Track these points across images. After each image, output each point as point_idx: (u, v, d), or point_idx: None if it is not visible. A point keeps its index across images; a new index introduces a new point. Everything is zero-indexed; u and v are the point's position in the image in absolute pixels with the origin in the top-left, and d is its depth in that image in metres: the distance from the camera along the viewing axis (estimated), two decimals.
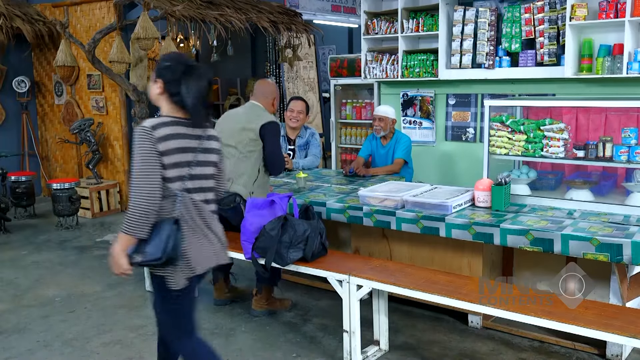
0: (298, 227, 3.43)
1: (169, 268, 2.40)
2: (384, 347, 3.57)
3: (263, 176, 3.93)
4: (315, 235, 3.48)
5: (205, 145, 2.51)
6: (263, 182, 3.94)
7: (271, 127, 3.86)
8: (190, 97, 2.39)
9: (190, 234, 2.42)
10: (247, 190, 3.84)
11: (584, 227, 3.08)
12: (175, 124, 2.43)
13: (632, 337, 2.53)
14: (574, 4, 4.55)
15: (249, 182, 3.86)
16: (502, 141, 3.66)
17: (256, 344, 3.70)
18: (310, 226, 3.48)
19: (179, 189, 2.40)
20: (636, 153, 3.24)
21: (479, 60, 5.12)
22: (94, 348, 3.72)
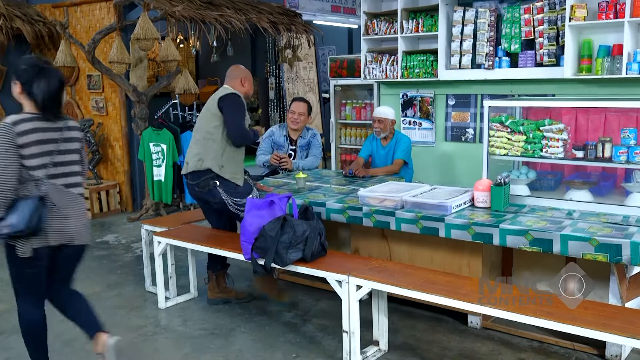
0: (297, 228, 3.44)
1: (22, 238, 2.82)
2: (383, 347, 3.57)
3: (232, 150, 3.96)
4: (315, 236, 3.48)
5: (66, 135, 2.94)
6: (233, 156, 3.97)
7: (228, 99, 3.92)
8: (40, 94, 2.84)
9: (50, 211, 2.84)
10: (217, 164, 3.91)
11: (583, 228, 3.08)
12: (35, 119, 2.86)
13: (631, 337, 2.53)
14: (574, 5, 4.55)
15: (217, 156, 3.91)
16: (501, 142, 3.67)
17: (256, 344, 3.71)
18: (310, 227, 3.48)
19: (43, 175, 2.83)
20: (635, 153, 3.24)
21: (478, 61, 5.12)
22: (93, 348, 3.71)
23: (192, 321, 4.14)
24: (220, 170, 3.92)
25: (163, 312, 4.29)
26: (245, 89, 4.11)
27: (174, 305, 4.40)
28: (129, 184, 7.52)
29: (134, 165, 7.47)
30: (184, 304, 4.43)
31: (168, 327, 4.06)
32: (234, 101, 3.93)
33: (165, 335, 3.93)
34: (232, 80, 4.09)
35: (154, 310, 4.33)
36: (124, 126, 7.40)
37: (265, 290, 4.21)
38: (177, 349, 3.71)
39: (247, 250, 3.59)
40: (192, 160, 4.01)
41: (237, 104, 3.95)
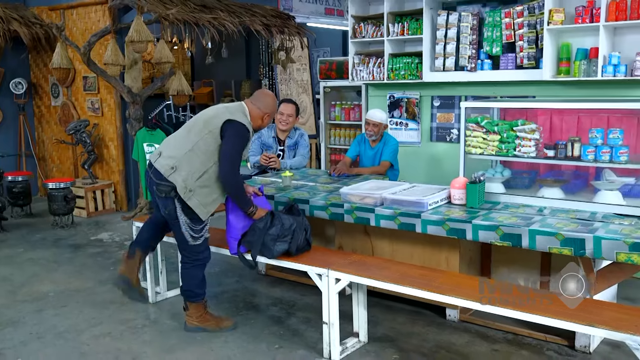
0: (285, 221, 3.62)
1: None
2: (363, 338, 3.71)
3: (213, 177, 3.52)
4: (301, 231, 3.65)
5: None
6: (209, 184, 3.53)
7: (234, 127, 3.50)
8: None
9: None
10: (185, 185, 3.46)
11: (551, 223, 3.23)
12: None
13: (593, 325, 2.67)
14: (552, 9, 4.69)
15: (190, 178, 3.46)
16: (477, 141, 3.81)
17: (241, 336, 3.85)
18: (296, 221, 3.65)
19: None
20: (602, 153, 3.39)
21: (461, 63, 5.26)
22: (84, 340, 3.86)
23: (180, 315, 4.25)
24: (185, 194, 3.46)
25: (153, 307, 4.43)
26: (260, 124, 3.74)
27: (163, 300, 4.53)
28: (124, 183, 7.66)
29: (128, 165, 7.61)
30: (173, 298, 4.56)
31: (157, 320, 4.20)
32: (240, 132, 3.52)
33: (154, 327, 4.07)
34: (257, 108, 3.68)
35: (144, 304, 4.47)
36: (119, 127, 7.54)
37: (200, 324, 3.88)
38: (164, 341, 3.85)
39: (234, 246, 3.74)
40: (165, 159, 3.54)
41: (241, 136, 3.53)
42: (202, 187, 3.50)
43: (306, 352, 3.60)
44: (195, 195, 3.49)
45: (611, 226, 3.13)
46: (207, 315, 3.90)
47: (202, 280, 3.84)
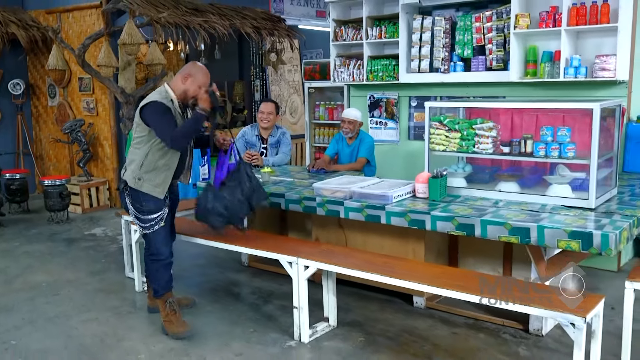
0: (223, 201, 3.84)
1: None
2: (332, 323, 3.98)
3: (153, 161, 3.72)
4: (240, 205, 3.87)
5: None
6: (154, 167, 3.73)
7: (148, 108, 3.64)
8: None
9: None
10: (134, 176, 3.73)
11: (502, 214, 3.48)
12: None
13: (530, 306, 2.93)
14: (518, 14, 4.95)
15: (136, 169, 3.73)
16: (440, 139, 4.07)
17: (219, 321, 4.11)
18: (234, 196, 3.85)
19: None
20: (552, 149, 3.64)
21: (435, 65, 5.52)
22: (73, 324, 4.13)
23: None
24: (135, 184, 3.75)
25: (139, 295, 4.69)
26: (184, 87, 3.72)
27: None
28: (118, 180, 7.92)
29: (122, 163, 7.85)
30: None
31: (142, 307, 4.46)
32: (153, 109, 3.63)
33: (139, 314, 4.34)
34: (176, 76, 3.79)
35: (131, 293, 4.74)
36: (113, 126, 7.81)
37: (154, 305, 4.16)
38: (147, 326, 4.12)
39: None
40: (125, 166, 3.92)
41: (157, 111, 3.63)
42: (148, 172, 3.73)
43: (278, 335, 3.86)
44: (145, 182, 3.74)
45: (556, 217, 3.39)
46: (167, 312, 3.95)
47: (159, 277, 3.95)
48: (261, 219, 5.06)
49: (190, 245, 4.74)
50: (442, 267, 3.79)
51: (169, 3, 7.84)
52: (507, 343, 3.71)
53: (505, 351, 3.61)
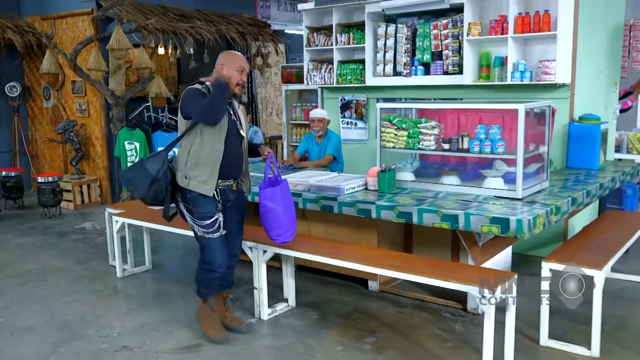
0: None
1: None
2: (291, 303, 4.39)
3: (195, 155, 3.60)
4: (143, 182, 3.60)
5: None
6: (197, 163, 3.61)
7: (182, 97, 3.62)
8: None
9: None
10: (182, 175, 3.64)
11: (438, 204, 3.88)
12: None
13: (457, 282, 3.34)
14: (470, 22, 5.36)
15: (182, 167, 3.64)
16: (390, 137, 4.48)
17: (191, 303, 4.49)
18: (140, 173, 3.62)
19: None
20: (485, 145, 4.05)
21: (398, 69, 5.93)
22: (57, 305, 4.55)
23: (143, 287, 4.97)
24: (183, 182, 3.64)
25: (120, 280, 5.11)
26: (224, 74, 3.63)
27: (130, 275, 5.22)
28: (108, 178, 8.36)
29: (112, 162, 8.30)
30: (139, 274, 5.25)
31: (122, 291, 4.89)
32: (185, 95, 3.62)
33: (118, 296, 4.77)
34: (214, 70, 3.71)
35: (113, 279, 5.16)
36: (104, 127, 8.24)
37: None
38: (125, 306, 4.55)
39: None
40: None
41: (188, 94, 3.60)
42: (193, 168, 3.61)
43: (242, 314, 4.27)
44: (192, 179, 3.61)
45: (485, 205, 3.79)
46: (206, 313, 3.89)
47: (205, 284, 3.84)
48: None
49: (172, 237, 5.17)
50: (384, 251, 4.20)
51: (157, 10, 8.30)
52: (445, 320, 4.12)
53: (443, 327, 4.01)
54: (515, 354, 3.51)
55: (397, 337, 3.87)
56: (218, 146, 3.61)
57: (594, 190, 4.37)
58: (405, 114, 4.71)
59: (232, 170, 3.74)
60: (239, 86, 3.70)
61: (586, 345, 3.58)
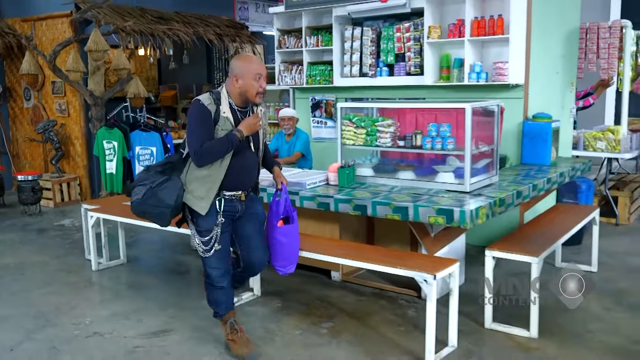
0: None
1: None
2: (257, 292, 4.64)
3: (193, 170, 3.41)
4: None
5: None
6: (195, 178, 3.41)
7: (190, 109, 3.36)
8: None
9: None
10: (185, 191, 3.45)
11: (391, 197, 4.13)
12: None
13: (402, 268, 3.60)
14: (430, 26, 5.63)
15: (183, 177, 3.46)
16: (350, 135, 4.73)
17: (162, 293, 4.77)
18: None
19: None
20: (436, 142, 4.31)
21: (364, 70, 6.20)
22: (33, 297, 4.76)
23: (117, 279, 5.19)
24: (185, 198, 3.43)
25: (95, 273, 5.33)
26: (239, 89, 3.35)
27: (105, 269, 5.43)
28: (88, 176, 8.55)
29: (92, 161, 8.49)
30: (114, 267, 5.47)
31: (97, 283, 5.11)
32: (190, 110, 3.36)
33: (93, 288, 4.99)
34: (229, 82, 3.40)
35: (89, 272, 5.37)
36: (83, 126, 8.44)
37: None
38: (98, 297, 4.78)
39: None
40: None
41: (191, 113, 3.33)
42: (190, 182, 3.43)
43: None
44: (188, 193, 3.42)
45: (434, 198, 4.05)
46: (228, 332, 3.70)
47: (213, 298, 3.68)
48: None
49: (149, 233, 5.39)
50: (344, 242, 4.45)
51: (136, 12, 8.50)
52: (401, 307, 4.39)
53: (398, 313, 4.28)
54: (461, 336, 3.80)
55: (354, 323, 4.12)
56: (224, 162, 3.36)
57: (541, 185, 4.66)
58: (371, 114, 4.97)
59: (241, 182, 3.51)
60: (259, 95, 3.38)
61: (526, 327, 3.86)
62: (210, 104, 3.31)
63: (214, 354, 3.69)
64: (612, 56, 6.52)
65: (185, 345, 3.82)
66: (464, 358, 3.61)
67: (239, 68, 3.34)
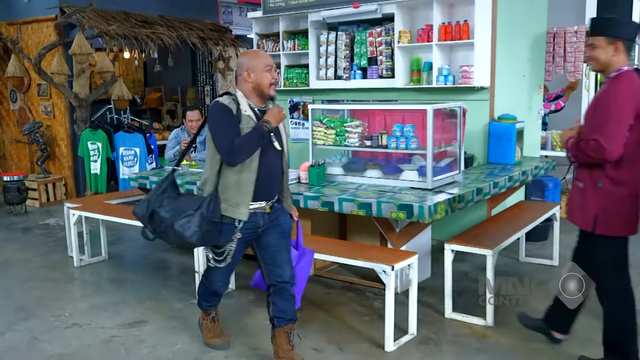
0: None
1: None
2: (232, 287, 4.84)
3: (226, 177, 3.22)
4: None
5: None
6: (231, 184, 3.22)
7: (210, 111, 3.25)
8: None
9: None
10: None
11: (357, 194, 4.35)
12: None
13: (363, 260, 3.82)
14: (401, 31, 5.87)
15: (210, 189, 3.26)
16: (320, 135, 4.96)
17: (141, 287, 4.96)
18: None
19: None
20: (400, 142, 4.54)
21: (339, 73, 6.42)
22: (16, 291, 4.95)
23: (97, 275, 5.38)
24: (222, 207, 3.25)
25: (77, 269, 5.51)
26: (251, 83, 3.25)
27: (87, 265, 5.62)
28: (73, 177, 8.73)
29: (77, 162, 8.66)
30: (95, 264, 5.65)
31: (78, 278, 5.30)
32: (210, 111, 3.24)
33: (74, 283, 5.18)
34: (240, 79, 3.31)
35: (71, 268, 5.56)
36: (68, 128, 8.61)
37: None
38: (80, 291, 4.97)
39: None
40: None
41: (213, 113, 3.22)
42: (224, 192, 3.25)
43: (185, 295, 4.71)
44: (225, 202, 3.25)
45: (397, 195, 4.27)
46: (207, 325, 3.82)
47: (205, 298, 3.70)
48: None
49: (132, 231, 5.57)
50: (315, 237, 4.64)
51: (120, 16, 8.69)
52: (368, 299, 4.61)
53: (364, 304, 4.50)
54: (422, 325, 4.04)
55: (321, 313, 4.34)
56: (253, 163, 3.20)
57: (502, 182, 4.89)
58: (345, 115, 5.19)
59: (265, 189, 3.31)
60: (272, 86, 3.30)
61: (484, 317, 4.09)
62: (230, 102, 3.21)
63: (186, 341, 3.90)
64: (578, 59, 6.78)
65: (159, 334, 4.02)
66: (421, 345, 3.83)
67: (248, 62, 3.26)
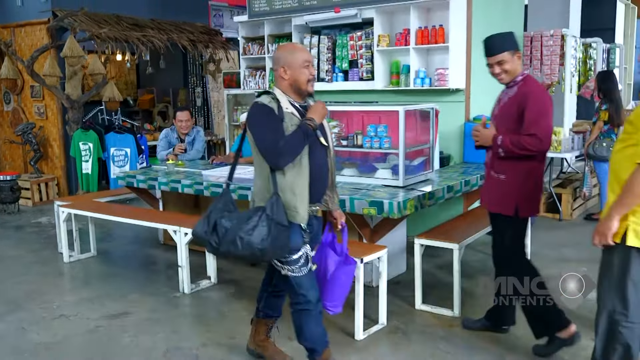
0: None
1: None
2: (213, 280, 5.04)
3: (279, 180, 2.99)
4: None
5: None
6: (284, 187, 2.99)
7: (250, 113, 3.06)
8: None
9: None
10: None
11: None
12: None
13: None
14: (380, 35, 6.08)
15: (265, 196, 3.03)
16: None
17: (127, 282, 5.14)
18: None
19: None
20: (374, 142, 4.75)
21: (321, 76, 6.63)
22: (7, 286, 5.14)
23: (86, 270, 5.57)
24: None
25: (66, 265, 5.71)
26: (289, 80, 3.06)
27: (76, 261, 5.81)
28: (65, 177, 8.92)
29: (69, 162, 8.85)
30: (84, 259, 5.85)
31: (67, 273, 5.49)
32: (252, 113, 3.05)
33: (64, 278, 5.38)
34: (277, 77, 3.12)
35: (60, 264, 5.75)
36: (61, 129, 8.80)
37: (258, 349, 3.63)
38: (68, 285, 5.17)
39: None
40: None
41: (254, 113, 3.03)
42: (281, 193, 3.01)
43: (168, 289, 4.91)
44: (284, 201, 3.02)
45: (370, 192, 4.48)
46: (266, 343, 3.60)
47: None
48: (177, 201, 6.08)
49: (121, 229, 5.76)
50: None
51: (111, 19, 8.89)
52: None
53: None
54: (392, 316, 4.25)
55: None
56: (303, 161, 3.01)
57: (474, 180, 5.10)
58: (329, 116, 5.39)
59: (317, 189, 3.12)
60: (310, 82, 3.09)
61: (452, 308, 4.30)
62: (270, 102, 3.02)
63: (167, 331, 4.10)
64: (554, 62, 7.01)
65: (142, 324, 4.22)
66: (390, 334, 4.04)
67: (285, 58, 3.06)
